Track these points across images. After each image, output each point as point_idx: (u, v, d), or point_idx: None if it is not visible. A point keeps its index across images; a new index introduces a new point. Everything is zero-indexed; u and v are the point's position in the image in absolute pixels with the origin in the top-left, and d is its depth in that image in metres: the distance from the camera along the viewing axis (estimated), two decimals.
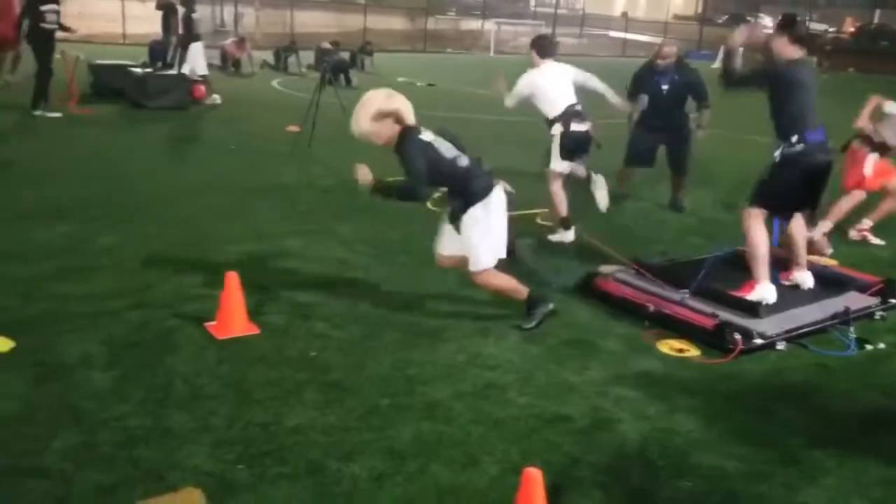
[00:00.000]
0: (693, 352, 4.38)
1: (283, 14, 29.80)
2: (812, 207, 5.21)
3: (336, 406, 3.55)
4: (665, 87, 7.46)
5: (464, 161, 4.42)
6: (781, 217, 5.20)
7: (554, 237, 6.46)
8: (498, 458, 3.22)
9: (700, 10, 48.75)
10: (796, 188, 4.85)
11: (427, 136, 4.41)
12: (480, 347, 4.28)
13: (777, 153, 4.83)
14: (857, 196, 6.81)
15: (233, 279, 4.27)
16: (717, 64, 33.95)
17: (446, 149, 4.42)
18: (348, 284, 5.17)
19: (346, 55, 20.37)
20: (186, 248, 5.70)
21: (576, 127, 6.18)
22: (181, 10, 13.73)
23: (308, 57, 20.83)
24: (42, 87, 10.99)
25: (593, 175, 6.52)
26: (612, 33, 43.69)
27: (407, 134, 4.36)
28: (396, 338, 4.34)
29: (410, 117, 4.40)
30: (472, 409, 3.62)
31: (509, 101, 6.47)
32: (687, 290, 4.90)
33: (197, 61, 13.42)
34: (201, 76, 13.47)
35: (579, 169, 6.52)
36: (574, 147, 6.28)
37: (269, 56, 21.65)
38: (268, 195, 7.49)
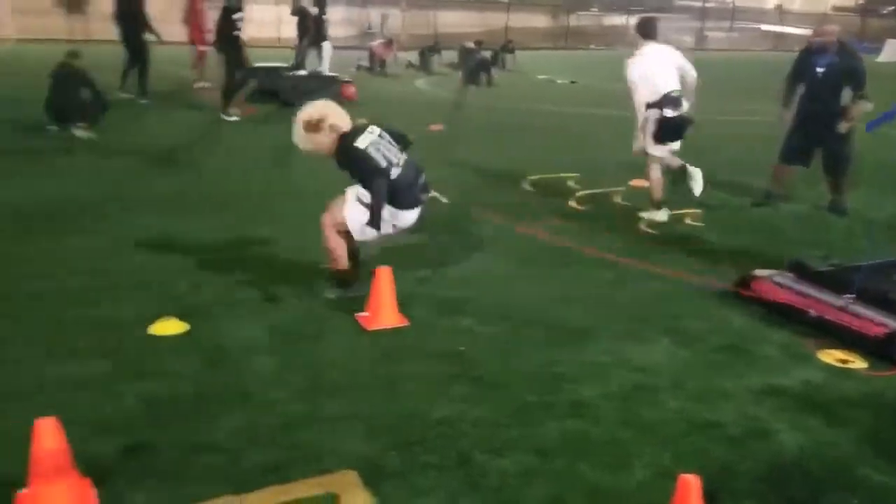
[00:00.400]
0: (859, 363, 4.12)
1: (427, 15, 30.39)
2: None
3: (483, 400, 3.60)
4: (820, 69, 6.94)
5: (395, 173, 4.55)
6: None
7: (645, 214, 6.67)
8: (647, 462, 3.16)
9: (862, 0, 45.51)
10: None
11: (363, 141, 4.51)
12: (628, 349, 4.21)
13: None
14: None
15: (385, 273, 4.41)
16: (882, 58, 31.54)
17: (381, 157, 4.52)
18: (494, 281, 5.22)
19: (488, 54, 20.51)
20: None
21: (670, 113, 6.33)
22: (313, 11, 14.35)
23: (452, 56, 21.14)
24: (231, 91, 11.69)
25: (689, 168, 6.52)
26: (765, 27, 41.58)
27: (344, 142, 4.51)
28: (542, 336, 4.34)
29: (343, 123, 4.58)
30: (621, 410, 3.57)
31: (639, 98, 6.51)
32: (851, 295, 4.60)
33: (325, 61, 14.00)
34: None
35: (674, 160, 6.62)
36: (670, 133, 6.46)
37: (413, 56, 22.14)
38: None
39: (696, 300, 4.98)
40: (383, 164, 4.50)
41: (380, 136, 4.63)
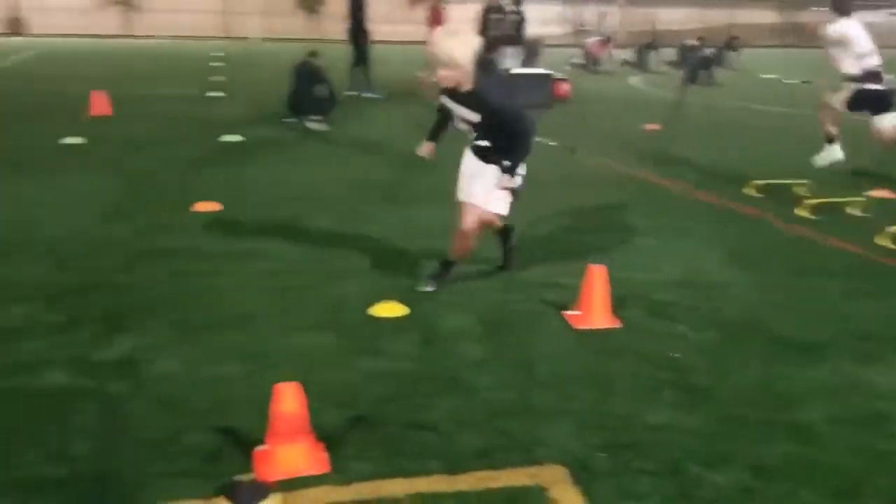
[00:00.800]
0: None
1: (646, 12, 29.64)
2: None
3: (697, 410, 3.47)
4: None
5: None
6: None
7: (821, 155, 7.85)
8: (883, 495, 2.90)
9: None
10: None
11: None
12: (861, 371, 3.88)
13: None
14: None
15: (599, 272, 4.37)
16: None
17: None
18: (709, 287, 5.00)
19: (710, 52, 19.63)
20: (548, 240, 5.97)
21: (872, 86, 7.28)
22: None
23: (671, 54, 20.47)
24: None
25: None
26: None
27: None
28: (762, 348, 4.11)
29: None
30: (854, 437, 3.29)
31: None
32: None
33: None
34: None
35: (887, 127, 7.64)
36: (864, 103, 7.49)
37: (630, 54, 21.68)
38: (628, 190, 7.55)
39: None
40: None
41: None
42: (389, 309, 4.41)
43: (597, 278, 4.35)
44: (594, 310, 4.33)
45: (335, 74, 11.85)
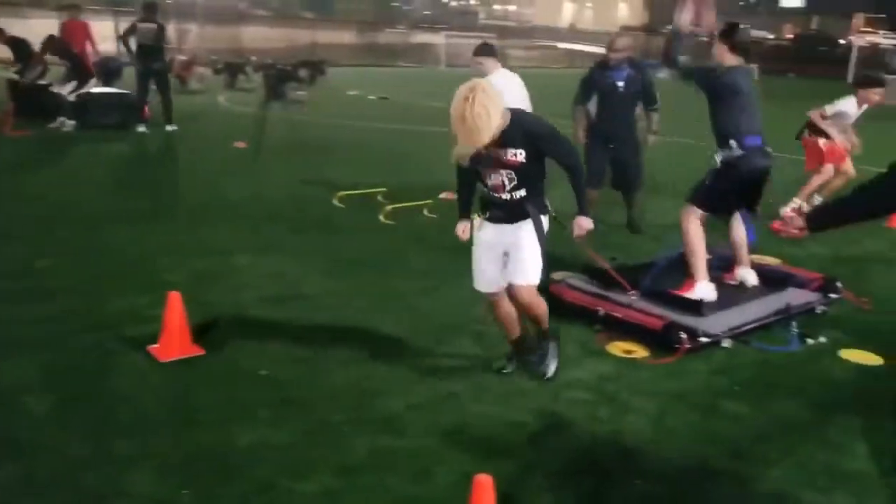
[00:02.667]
0: (641, 352, 4.44)
1: (228, 30, 29.58)
2: (751, 209, 5.27)
3: (288, 424, 3.51)
4: (621, 83, 6.78)
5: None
6: (718, 216, 5.25)
7: None
8: (453, 468, 3.21)
9: (647, 20, 49.66)
10: (736, 192, 4.98)
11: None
12: (436, 358, 4.29)
13: (718, 158, 4.95)
14: (826, 172, 7.68)
15: (175, 299, 4.19)
16: (662, 74, 34.92)
17: None
18: (300, 299, 5.13)
19: (294, 70, 20.30)
20: (131, 269, 5.60)
21: None
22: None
23: (256, 73, 20.69)
24: None
25: None
26: (560, 45, 44.25)
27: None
28: (350, 352, 4.32)
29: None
30: (427, 420, 3.61)
31: None
32: (635, 293, 4.96)
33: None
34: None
35: None
36: None
37: (213, 72, 21.45)
38: (215, 212, 7.41)
39: None
40: None
41: None
42: None
43: (174, 306, 4.16)
44: (176, 339, 4.14)
45: None
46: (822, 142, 7.69)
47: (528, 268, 3.82)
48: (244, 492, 2.97)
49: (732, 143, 4.84)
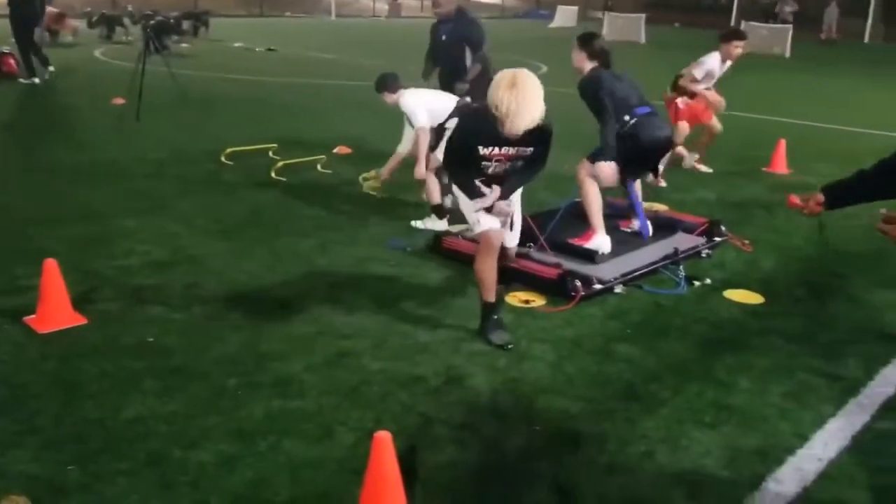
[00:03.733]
0: (539, 301, 4.51)
1: None
2: (654, 173, 5.42)
3: (179, 392, 3.38)
4: (443, 36, 6.99)
5: None
6: (625, 179, 5.31)
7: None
8: (353, 427, 3.18)
9: None
10: (635, 160, 5.06)
11: None
12: (332, 317, 4.21)
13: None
14: (682, 130, 7.68)
15: (51, 266, 3.94)
16: (554, 23, 34.96)
17: None
18: (189, 262, 4.93)
19: (175, 21, 19.34)
20: (4, 237, 5.23)
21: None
22: None
23: (135, 25, 19.62)
24: None
25: None
26: None
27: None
28: (243, 314, 4.19)
29: None
30: (325, 380, 3.55)
31: None
32: (532, 244, 5.02)
33: None
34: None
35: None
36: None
37: (87, 25, 20.21)
38: (95, 173, 7.01)
39: (398, 260, 5.12)
40: None
41: None
42: None
43: (50, 273, 3.92)
44: (54, 308, 3.91)
45: None
46: (680, 100, 7.69)
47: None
48: (134, 465, 2.84)
49: (626, 118, 4.92)
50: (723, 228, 5.61)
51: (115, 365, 3.58)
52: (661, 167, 5.63)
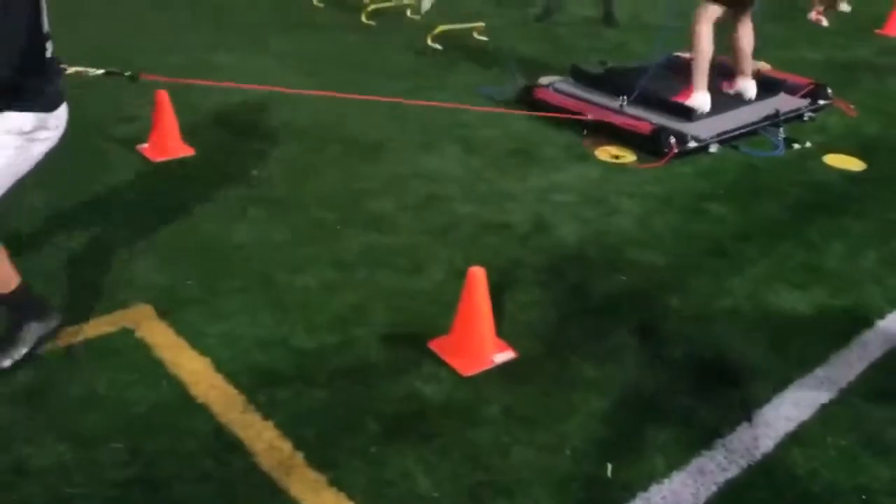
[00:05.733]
0: (629, 157, 4.47)
1: None
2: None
3: (281, 223, 3.57)
4: None
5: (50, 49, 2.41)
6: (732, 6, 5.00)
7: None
8: (443, 265, 3.32)
9: None
10: None
11: None
12: (423, 160, 4.29)
13: None
14: None
15: (164, 98, 4.11)
16: None
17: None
18: (284, 101, 5.02)
19: None
20: (104, 62, 5.41)
21: None
22: None
23: None
24: None
25: None
26: None
27: None
28: (337, 152, 4.31)
29: None
30: (417, 219, 3.68)
31: None
32: (625, 97, 4.91)
33: None
34: None
35: None
36: None
37: None
38: (190, 4, 7.08)
39: (486, 110, 5.11)
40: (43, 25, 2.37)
41: None
42: None
43: (163, 105, 4.09)
44: (166, 138, 4.10)
45: None
46: None
47: None
48: (246, 285, 3.07)
49: None
50: (828, 91, 5.36)
51: (223, 193, 3.79)
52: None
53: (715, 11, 4.79)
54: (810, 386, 2.68)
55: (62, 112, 2.42)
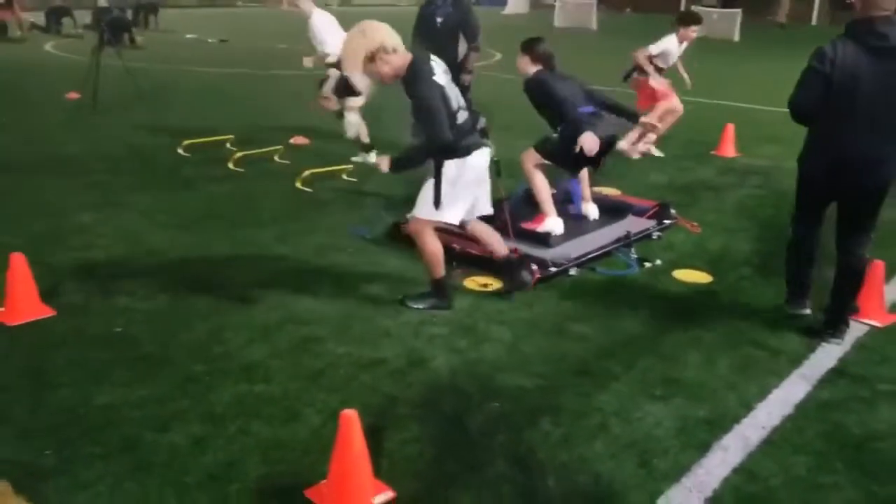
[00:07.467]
0: (496, 284, 4.66)
1: None
2: (595, 168, 5.53)
3: (148, 379, 3.46)
4: (440, 20, 7.20)
5: (462, 117, 4.05)
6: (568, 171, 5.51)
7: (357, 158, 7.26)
8: (319, 409, 3.29)
9: None
10: (578, 156, 5.17)
11: (440, 76, 3.96)
12: (295, 304, 4.31)
13: (555, 135, 5.15)
14: (659, 110, 7.69)
15: (18, 260, 3.99)
16: (507, 10, 34.92)
17: (454, 97, 4.01)
18: (151, 255, 4.98)
19: (126, 13, 19.05)
20: None
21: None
22: None
23: (85, 17, 19.27)
24: None
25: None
26: None
27: (419, 68, 3.91)
28: (208, 303, 4.27)
29: (399, 43, 3.94)
30: (291, 364, 3.66)
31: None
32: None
33: None
34: None
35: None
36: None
37: (39, 18, 19.79)
38: (52, 169, 6.98)
39: (358, 247, 5.23)
40: (454, 107, 3.97)
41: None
42: None
43: (17, 267, 3.96)
44: (22, 301, 3.95)
45: None
46: (652, 81, 7.82)
47: (419, 201, 4.24)
48: (109, 449, 2.93)
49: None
50: (672, 211, 5.83)
51: (85, 355, 3.65)
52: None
53: (538, 156, 5.23)
54: (678, 500, 2.78)
55: None
